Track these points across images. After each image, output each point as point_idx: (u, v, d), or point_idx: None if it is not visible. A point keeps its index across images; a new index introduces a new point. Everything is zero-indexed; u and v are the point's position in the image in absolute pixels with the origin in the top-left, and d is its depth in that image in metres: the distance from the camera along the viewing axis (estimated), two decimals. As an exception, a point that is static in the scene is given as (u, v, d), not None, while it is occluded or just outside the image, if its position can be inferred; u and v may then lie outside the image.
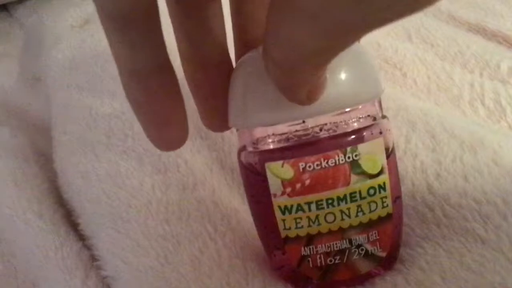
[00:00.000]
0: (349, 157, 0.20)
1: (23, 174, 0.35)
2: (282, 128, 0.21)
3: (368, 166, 0.21)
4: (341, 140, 0.21)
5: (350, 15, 0.12)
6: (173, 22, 0.20)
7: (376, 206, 0.22)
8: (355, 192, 0.21)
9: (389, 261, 0.24)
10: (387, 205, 0.22)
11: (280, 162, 0.20)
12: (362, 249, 0.22)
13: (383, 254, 0.23)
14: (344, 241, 0.22)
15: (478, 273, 0.22)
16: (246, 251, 0.27)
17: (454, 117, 0.34)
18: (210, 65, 0.20)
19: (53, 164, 0.37)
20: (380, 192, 0.21)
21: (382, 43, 0.44)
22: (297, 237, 0.22)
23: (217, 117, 0.22)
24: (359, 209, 0.21)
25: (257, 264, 0.26)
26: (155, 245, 0.28)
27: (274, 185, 0.21)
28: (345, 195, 0.21)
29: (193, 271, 0.26)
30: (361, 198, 0.21)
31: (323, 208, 0.21)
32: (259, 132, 0.21)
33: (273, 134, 0.21)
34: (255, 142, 0.21)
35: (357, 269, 0.23)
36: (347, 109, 0.20)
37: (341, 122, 0.21)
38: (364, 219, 0.22)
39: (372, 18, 0.12)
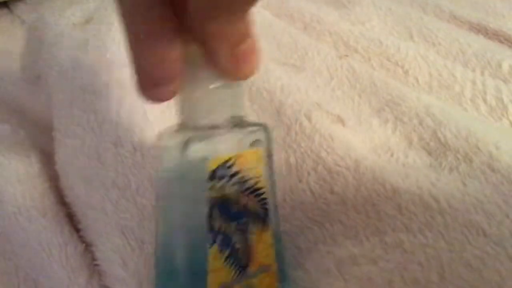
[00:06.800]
0: None
1: (26, 172, 0.35)
2: None
3: None
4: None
5: None
6: None
7: None
8: None
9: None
10: None
11: None
12: None
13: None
14: None
15: (477, 271, 0.22)
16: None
17: (452, 115, 0.34)
18: None
19: (55, 166, 0.37)
20: None
21: (383, 41, 0.44)
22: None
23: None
24: None
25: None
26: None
27: None
28: None
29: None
30: None
31: None
32: None
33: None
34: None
35: None
36: None
37: None
38: None
39: None
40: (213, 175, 0.20)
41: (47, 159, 0.39)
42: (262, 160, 0.22)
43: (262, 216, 0.22)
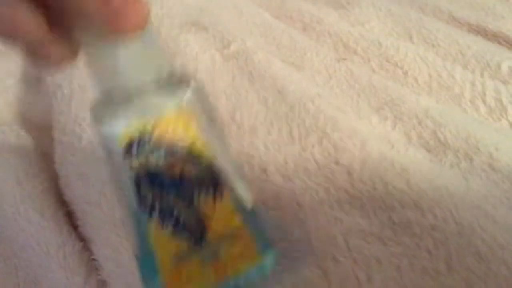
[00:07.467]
0: None
1: (25, 173, 0.35)
2: None
3: None
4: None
5: None
6: None
7: None
8: None
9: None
10: None
11: None
12: None
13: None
14: None
15: (485, 262, 0.22)
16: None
17: (451, 117, 0.34)
18: None
19: (54, 165, 0.37)
20: None
21: (383, 42, 0.44)
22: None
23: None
24: None
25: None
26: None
27: None
28: None
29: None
30: None
31: None
32: None
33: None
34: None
35: None
36: None
37: None
38: None
39: None
40: (128, 150, 0.18)
41: (47, 159, 0.39)
42: (194, 119, 0.19)
43: (211, 182, 0.19)
